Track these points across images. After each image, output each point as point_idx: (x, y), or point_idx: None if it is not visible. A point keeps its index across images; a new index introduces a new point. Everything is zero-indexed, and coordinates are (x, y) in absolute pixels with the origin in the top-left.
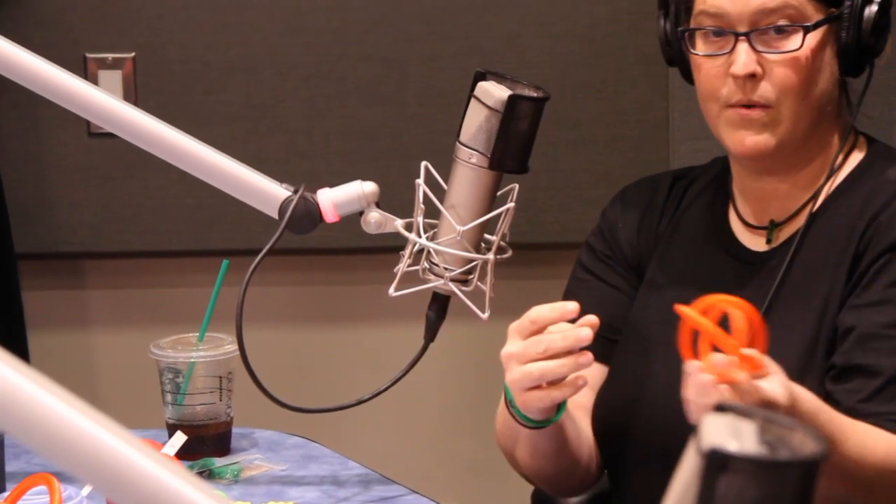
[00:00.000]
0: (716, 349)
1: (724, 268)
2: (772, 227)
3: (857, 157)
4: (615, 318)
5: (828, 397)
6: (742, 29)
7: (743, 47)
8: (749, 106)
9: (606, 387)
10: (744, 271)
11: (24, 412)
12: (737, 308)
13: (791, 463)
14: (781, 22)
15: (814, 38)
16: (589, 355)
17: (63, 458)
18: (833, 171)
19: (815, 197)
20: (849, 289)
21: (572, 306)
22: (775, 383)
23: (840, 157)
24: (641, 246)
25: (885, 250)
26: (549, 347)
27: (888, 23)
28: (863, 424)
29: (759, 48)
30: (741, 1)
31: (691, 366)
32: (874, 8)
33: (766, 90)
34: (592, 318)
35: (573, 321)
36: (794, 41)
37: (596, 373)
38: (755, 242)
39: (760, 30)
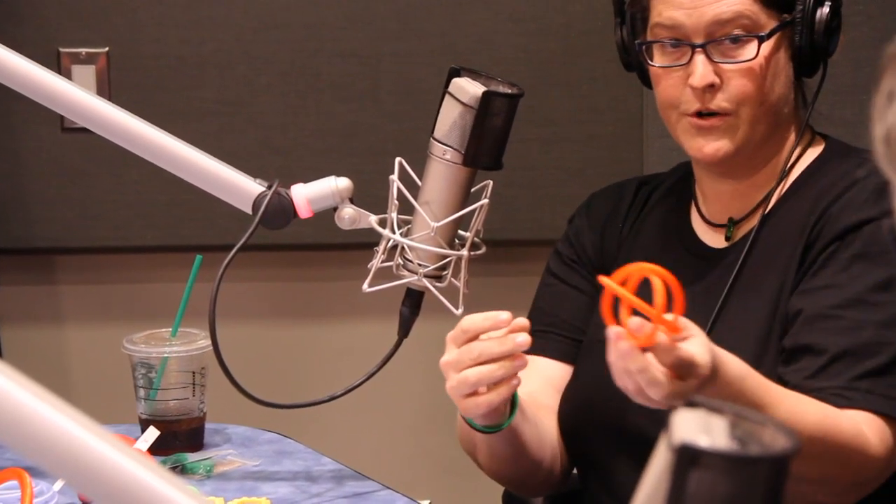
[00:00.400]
0: (636, 315)
1: (684, 264)
2: (730, 225)
3: (813, 154)
4: (578, 319)
5: (780, 381)
6: (698, 40)
7: (700, 59)
8: (707, 115)
9: (571, 386)
10: (702, 267)
11: None
12: (655, 275)
13: (762, 458)
14: (736, 32)
15: (768, 45)
16: (525, 358)
17: (35, 453)
18: (786, 169)
19: (770, 194)
20: (799, 276)
21: (504, 315)
22: (695, 345)
23: (795, 155)
24: (606, 249)
25: (833, 238)
26: (483, 353)
27: (839, 23)
28: (795, 393)
29: (716, 59)
30: (696, 13)
31: (612, 331)
32: (825, 10)
33: (723, 99)
34: (524, 322)
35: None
36: (750, 50)
37: (560, 373)
38: (715, 240)
39: (716, 41)
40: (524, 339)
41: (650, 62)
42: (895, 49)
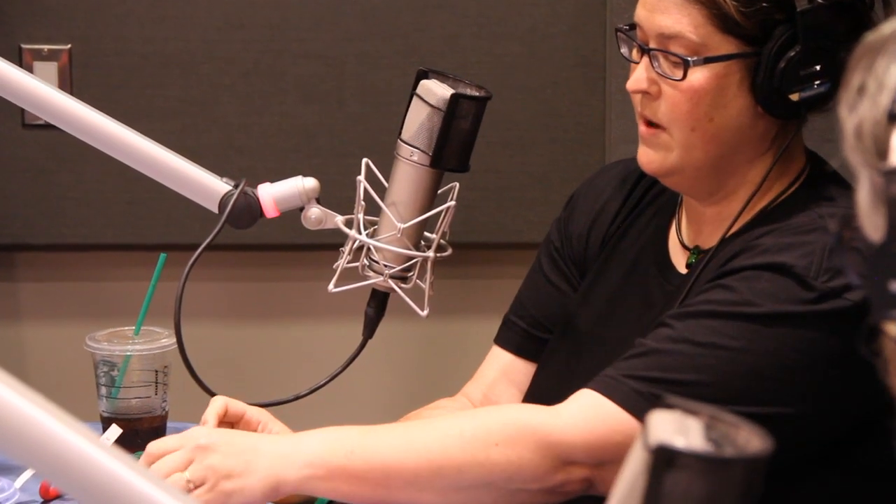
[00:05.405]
0: None
1: (653, 284)
2: (694, 252)
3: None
4: (548, 317)
5: None
6: (651, 44)
7: (642, 63)
8: (652, 124)
9: (531, 387)
10: (666, 290)
11: None
12: None
13: (737, 459)
14: (674, 49)
15: (710, 71)
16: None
17: (4, 442)
18: (745, 206)
19: (731, 229)
20: None
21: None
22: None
23: (771, 189)
24: (590, 243)
25: (715, 277)
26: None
27: (825, 69)
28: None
29: (657, 69)
30: (651, 18)
31: None
32: (794, 52)
33: (658, 111)
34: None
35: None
36: (680, 71)
37: (517, 367)
38: (681, 264)
39: (662, 51)
40: None
41: (620, 50)
42: (867, 44)
